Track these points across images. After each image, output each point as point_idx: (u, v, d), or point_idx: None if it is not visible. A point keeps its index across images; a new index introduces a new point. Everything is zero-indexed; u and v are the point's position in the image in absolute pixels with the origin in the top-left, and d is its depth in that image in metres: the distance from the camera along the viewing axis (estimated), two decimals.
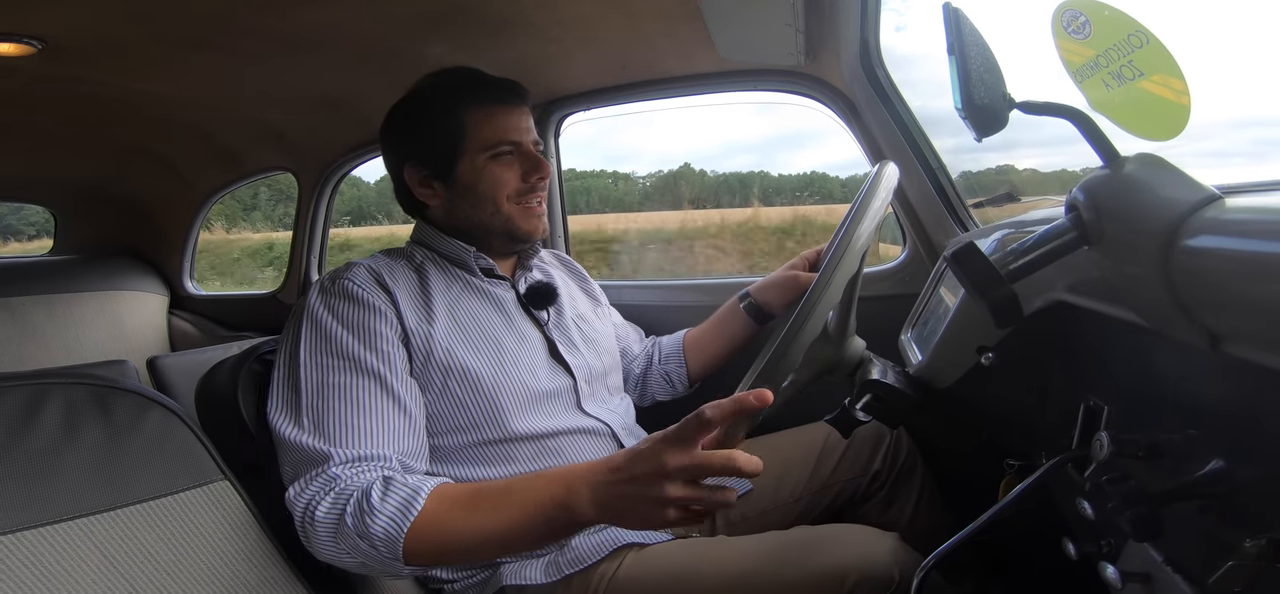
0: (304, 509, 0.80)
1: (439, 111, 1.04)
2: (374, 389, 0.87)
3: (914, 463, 1.14)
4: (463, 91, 1.04)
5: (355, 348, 0.88)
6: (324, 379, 0.87)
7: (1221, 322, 0.43)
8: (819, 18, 1.13)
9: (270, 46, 1.33)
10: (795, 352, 0.66)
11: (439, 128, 1.03)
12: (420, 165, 1.05)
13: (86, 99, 1.59)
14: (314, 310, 0.91)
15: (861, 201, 0.71)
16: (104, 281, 2.50)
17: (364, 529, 0.76)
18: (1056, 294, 0.65)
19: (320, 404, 0.85)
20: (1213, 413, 0.47)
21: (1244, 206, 0.43)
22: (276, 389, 0.89)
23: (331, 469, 0.81)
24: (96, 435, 0.73)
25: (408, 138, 1.07)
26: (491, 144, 1.02)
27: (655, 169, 4.51)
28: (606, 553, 0.90)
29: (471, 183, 1.03)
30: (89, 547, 0.67)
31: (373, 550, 0.76)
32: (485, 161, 1.02)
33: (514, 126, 1.04)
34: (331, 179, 2.10)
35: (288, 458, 0.85)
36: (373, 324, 0.90)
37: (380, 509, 0.77)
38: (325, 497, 0.79)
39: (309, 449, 0.83)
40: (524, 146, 1.04)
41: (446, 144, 1.03)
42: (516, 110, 1.05)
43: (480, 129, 1.02)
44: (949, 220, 1.25)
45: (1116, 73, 0.55)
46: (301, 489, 0.81)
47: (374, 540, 0.76)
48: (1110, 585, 0.54)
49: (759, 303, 1.24)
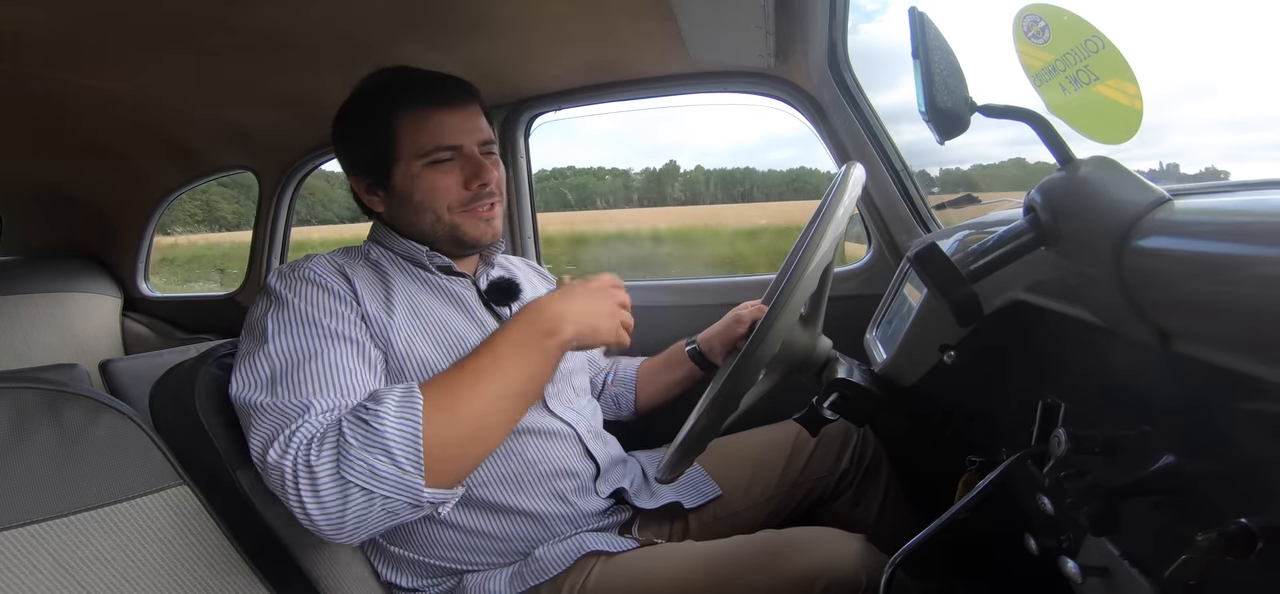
0: (294, 462, 0.69)
1: (370, 117, 0.98)
2: (346, 350, 0.82)
3: (880, 461, 1.16)
4: (392, 94, 0.97)
5: (321, 319, 0.83)
6: (295, 347, 0.80)
7: (1171, 320, 0.44)
8: (789, 20, 1.14)
9: (234, 44, 1.29)
10: (764, 352, 0.67)
11: (371, 135, 0.97)
12: (362, 173, 1.01)
13: (38, 96, 1.53)
14: (275, 291, 0.87)
15: (829, 203, 0.72)
16: (54, 283, 2.40)
17: (373, 437, 0.68)
18: (1015, 293, 0.66)
19: (294, 372, 0.78)
20: (1165, 409, 0.49)
21: (1192, 208, 0.44)
22: (244, 370, 0.80)
23: (316, 418, 0.73)
24: (47, 441, 0.70)
25: (345, 144, 1.02)
26: (427, 150, 0.95)
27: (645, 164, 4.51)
28: (572, 562, 0.89)
29: (408, 192, 0.97)
30: (42, 553, 0.65)
31: (391, 465, 0.68)
32: (421, 169, 0.96)
33: (452, 129, 0.96)
34: (294, 179, 2.06)
35: (261, 425, 0.74)
36: (334, 305, 0.86)
37: (383, 411, 0.70)
38: (317, 442, 0.70)
39: (286, 407, 0.74)
40: (465, 149, 0.97)
41: (380, 152, 0.97)
42: (456, 111, 0.97)
43: (413, 135, 0.95)
44: (913, 221, 1.27)
45: (1073, 77, 0.56)
46: (284, 446, 0.71)
47: (389, 446, 0.68)
48: (1071, 579, 0.55)
49: (702, 350, 1.23)
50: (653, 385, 1.27)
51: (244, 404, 0.77)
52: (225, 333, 1.24)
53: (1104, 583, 0.54)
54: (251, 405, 0.76)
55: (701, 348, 1.23)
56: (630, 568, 0.89)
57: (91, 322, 2.43)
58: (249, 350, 0.82)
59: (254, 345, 0.82)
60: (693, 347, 1.24)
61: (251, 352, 0.81)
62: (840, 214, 0.70)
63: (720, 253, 3.40)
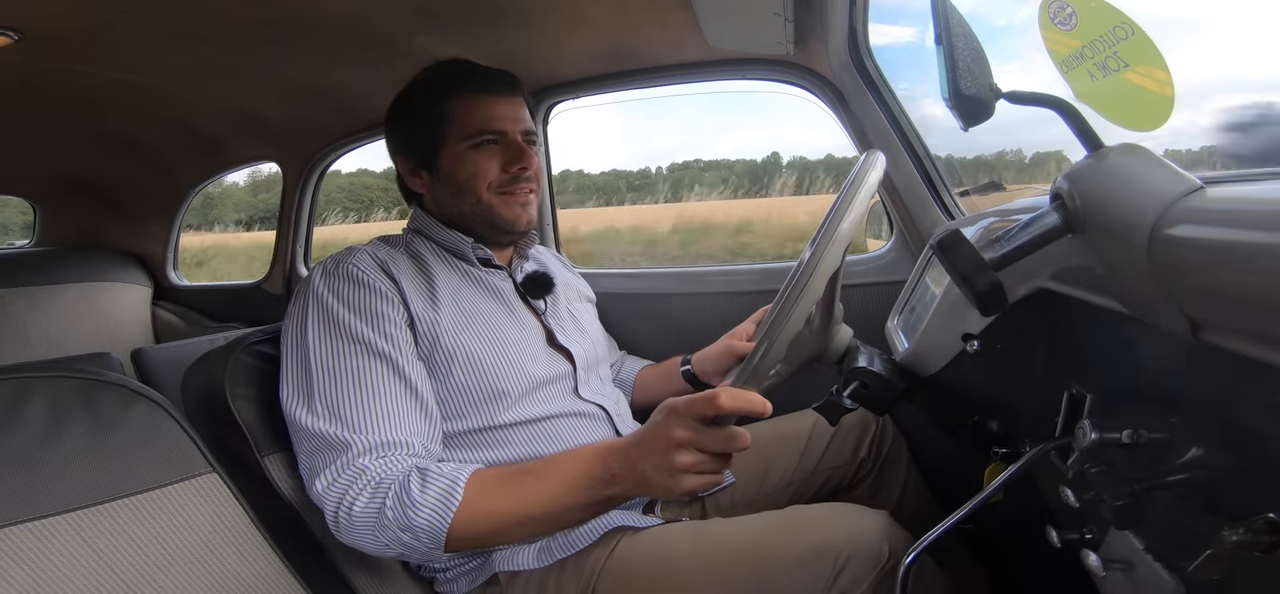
0: (338, 503, 0.81)
1: (424, 101, 1.05)
2: (386, 373, 0.87)
3: (899, 451, 1.15)
4: (447, 81, 1.04)
5: (363, 331, 0.88)
6: (335, 364, 0.86)
7: (1202, 310, 0.43)
8: (808, 7, 1.13)
9: (255, 36, 1.31)
10: (779, 345, 0.66)
11: (424, 117, 1.04)
12: (408, 154, 1.07)
13: (67, 90, 1.56)
14: (318, 293, 0.91)
15: (848, 191, 0.71)
16: (87, 273, 2.47)
17: (406, 522, 0.78)
18: (1041, 282, 0.65)
19: (333, 389, 0.85)
20: (1193, 402, 0.48)
21: (1225, 196, 0.43)
22: (287, 373, 0.89)
23: (357, 460, 0.82)
24: (82, 429, 0.72)
25: (397, 128, 1.09)
26: (473, 133, 1.02)
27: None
28: (599, 536, 0.91)
29: (452, 172, 1.03)
30: (78, 541, 0.67)
31: (415, 542, 0.79)
32: (466, 150, 1.02)
33: (498, 116, 1.03)
34: (316, 169, 2.08)
35: (305, 445, 0.85)
36: (379, 307, 0.90)
37: (421, 502, 0.78)
38: (360, 491, 0.80)
39: (328, 436, 0.83)
40: (509, 136, 1.04)
41: (430, 133, 1.04)
42: (503, 100, 1.04)
43: (462, 118, 1.02)
44: (935, 208, 1.25)
45: (1102, 63, 0.55)
46: (331, 481, 0.81)
47: (417, 533, 0.78)
48: (1093, 573, 0.55)
49: (696, 372, 1.23)
50: (647, 396, 1.29)
51: (288, 414, 0.87)
52: (252, 321, 1.27)
53: (1126, 577, 0.53)
54: (294, 422, 0.86)
55: (695, 369, 1.23)
56: (654, 542, 0.90)
57: (123, 311, 2.50)
58: (291, 350, 0.90)
59: (296, 346, 0.89)
60: (687, 368, 1.24)
61: (294, 356, 0.89)
62: (860, 200, 0.69)
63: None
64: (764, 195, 4.62)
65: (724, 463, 0.72)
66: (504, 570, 0.92)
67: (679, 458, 0.71)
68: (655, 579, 0.86)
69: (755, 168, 4.80)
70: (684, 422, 0.70)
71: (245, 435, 0.90)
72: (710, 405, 0.68)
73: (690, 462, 0.71)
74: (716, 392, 0.67)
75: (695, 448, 0.71)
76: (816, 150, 4.27)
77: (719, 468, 0.72)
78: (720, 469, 0.72)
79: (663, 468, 0.72)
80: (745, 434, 0.70)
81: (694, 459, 0.71)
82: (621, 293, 1.53)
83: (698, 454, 0.71)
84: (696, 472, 0.72)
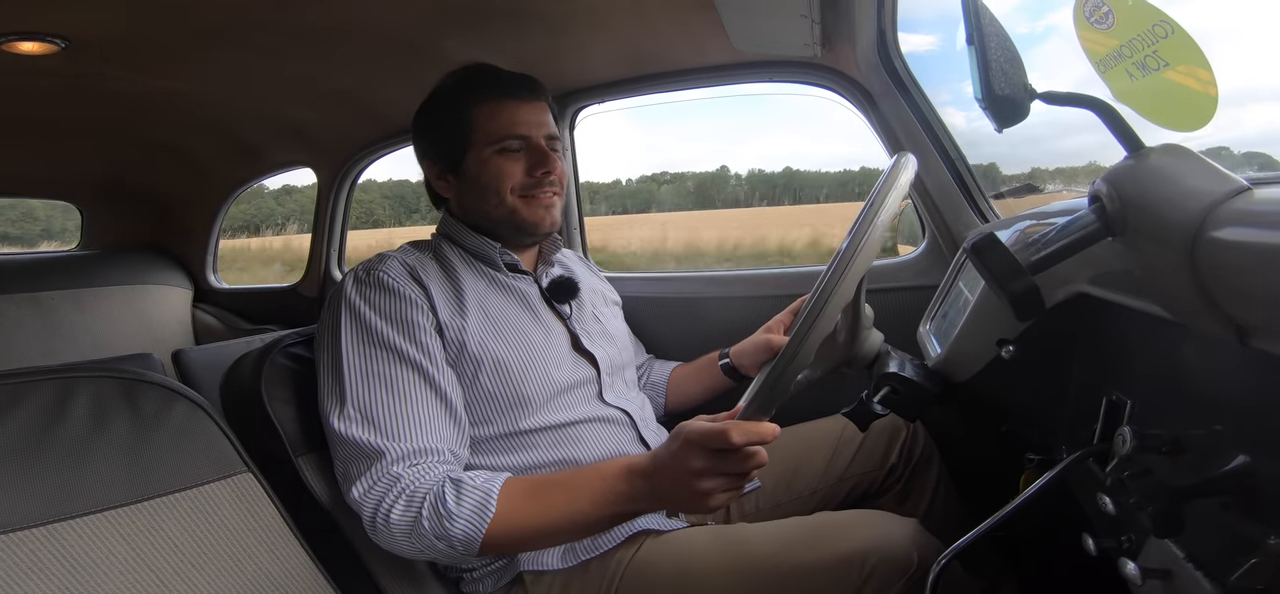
0: (375, 510, 0.84)
1: (448, 107, 1.06)
2: (416, 380, 0.90)
3: (931, 456, 1.13)
4: (472, 86, 1.06)
5: (394, 339, 0.91)
6: (367, 369, 0.89)
7: (1250, 314, 0.42)
8: (834, 8, 1.12)
9: (287, 42, 1.34)
10: (807, 350, 0.66)
11: (449, 122, 1.06)
12: (434, 159, 1.09)
13: (109, 96, 1.62)
14: (350, 300, 0.93)
15: (878, 194, 0.70)
16: (129, 276, 2.54)
17: (443, 531, 0.81)
18: (1079, 286, 0.64)
19: (366, 395, 0.88)
20: (1238, 408, 0.46)
21: (1273, 197, 0.42)
22: (324, 381, 0.92)
23: (391, 468, 0.85)
24: (124, 427, 0.74)
25: (424, 132, 1.11)
26: (497, 138, 1.03)
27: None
28: (623, 538, 0.91)
29: (477, 175, 1.04)
30: (117, 539, 0.68)
31: (450, 550, 0.82)
32: (490, 155, 1.03)
33: (522, 120, 1.04)
34: (350, 174, 2.12)
35: (340, 451, 0.88)
36: (409, 314, 0.92)
37: (457, 514, 0.82)
38: (396, 499, 0.83)
39: (361, 443, 0.86)
40: (533, 141, 1.04)
41: (455, 138, 1.05)
42: (526, 104, 1.05)
43: (487, 123, 1.03)
44: (969, 211, 1.23)
45: (1141, 63, 0.54)
46: (367, 489, 0.85)
47: (453, 541, 0.82)
48: (1130, 582, 0.53)
49: (735, 364, 1.23)
50: (684, 394, 1.29)
51: (324, 418, 0.90)
52: (289, 322, 1.30)
53: (1165, 586, 0.52)
54: (330, 427, 0.89)
55: (734, 362, 1.23)
56: (678, 545, 0.90)
57: (164, 312, 2.56)
58: (325, 355, 0.93)
59: (330, 353, 0.93)
60: (726, 360, 1.24)
61: (328, 362, 0.92)
62: (890, 203, 0.68)
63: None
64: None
65: (745, 477, 0.75)
66: (529, 570, 0.93)
67: (699, 485, 0.74)
68: (678, 582, 0.86)
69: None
70: (698, 452, 0.73)
71: (280, 436, 0.93)
72: (721, 442, 0.71)
73: (710, 486, 0.74)
74: (727, 428, 0.70)
75: (714, 474, 0.74)
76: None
77: (740, 483, 0.75)
78: (741, 484, 0.75)
79: (684, 493, 0.75)
80: (762, 451, 0.72)
81: (714, 484, 0.74)
82: (647, 297, 1.53)
83: (717, 478, 0.74)
84: (719, 491, 0.74)
